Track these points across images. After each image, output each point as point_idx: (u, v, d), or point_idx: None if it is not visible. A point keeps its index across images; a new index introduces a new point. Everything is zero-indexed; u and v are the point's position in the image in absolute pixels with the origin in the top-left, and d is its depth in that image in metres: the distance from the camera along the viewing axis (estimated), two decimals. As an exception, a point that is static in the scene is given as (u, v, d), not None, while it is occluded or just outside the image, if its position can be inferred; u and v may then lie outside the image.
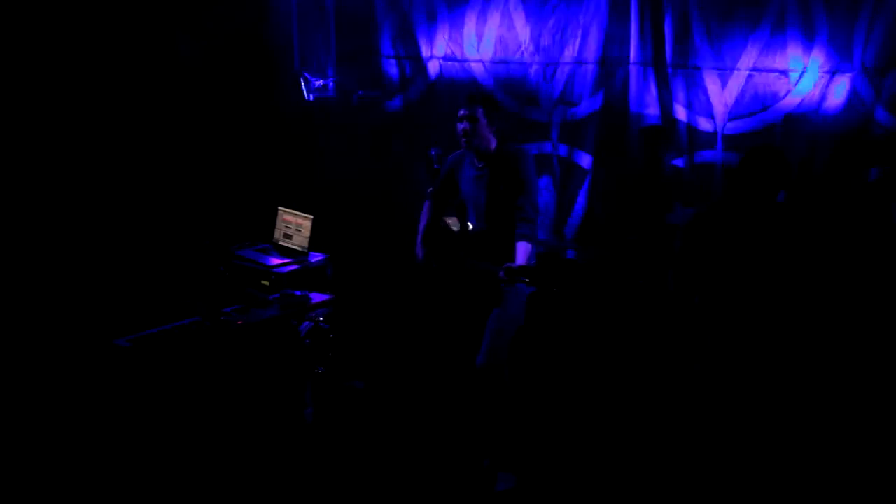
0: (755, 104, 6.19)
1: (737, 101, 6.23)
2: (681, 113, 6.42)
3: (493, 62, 7.05)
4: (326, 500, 4.84)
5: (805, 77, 5.99)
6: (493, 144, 5.07)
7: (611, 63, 6.61)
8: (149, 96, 6.59)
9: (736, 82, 6.21)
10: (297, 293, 5.53)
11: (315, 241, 6.18)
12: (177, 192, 6.46)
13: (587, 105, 6.76)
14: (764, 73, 6.12)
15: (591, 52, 6.66)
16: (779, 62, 6.05)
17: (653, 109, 6.51)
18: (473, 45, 7.10)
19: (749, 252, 4.41)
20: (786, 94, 6.07)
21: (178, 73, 6.81)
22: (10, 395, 5.18)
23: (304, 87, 7.60)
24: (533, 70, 6.91)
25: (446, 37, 7.20)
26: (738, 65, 6.17)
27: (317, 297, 5.60)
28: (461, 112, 5.05)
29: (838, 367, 5.30)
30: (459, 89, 7.17)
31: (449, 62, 7.23)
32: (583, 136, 6.82)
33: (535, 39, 6.85)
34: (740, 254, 4.43)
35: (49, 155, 6.14)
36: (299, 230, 6.18)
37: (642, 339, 5.88)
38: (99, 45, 6.24)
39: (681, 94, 6.40)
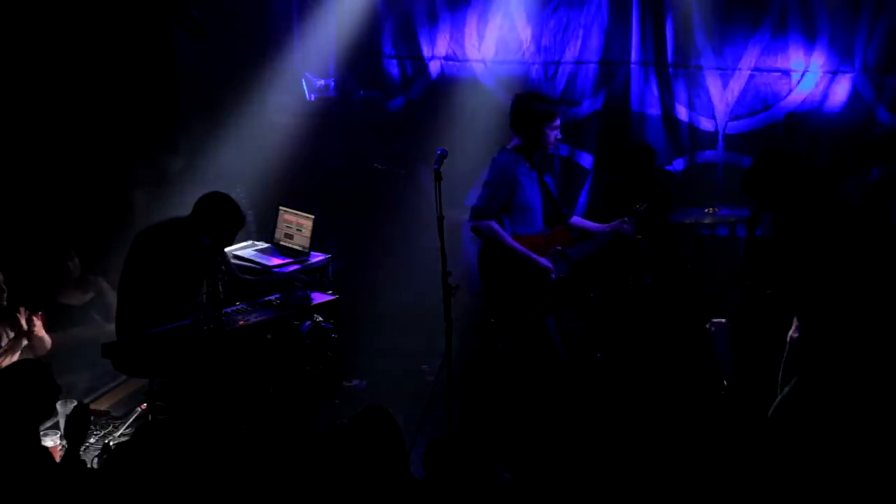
0: (757, 104, 6.19)
1: (738, 101, 6.24)
2: (682, 113, 6.42)
3: (495, 62, 7.04)
4: (327, 499, 4.84)
5: (807, 77, 6.00)
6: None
7: (612, 63, 6.60)
8: (147, 96, 6.59)
9: (737, 82, 6.21)
10: (298, 293, 5.52)
11: (316, 240, 6.17)
12: (176, 192, 6.46)
13: (588, 105, 6.76)
14: (765, 73, 6.12)
15: (593, 51, 6.66)
16: (780, 62, 6.06)
17: (654, 109, 6.51)
18: (475, 45, 7.09)
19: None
20: (787, 94, 6.07)
21: (178, 73, 6.81)
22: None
23: (305, 87, 7.59)
24: (534, 70, 6.90)
25: (448, 37, 7.19)
26: (740, 65, 6.17)
27: (318, 297, 5.58)
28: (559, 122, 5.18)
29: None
30: (461, 89, 7.17)
31: (450, 62, 7.22)
32: (584, 136, 6.81)
33: (537, 39, 6.84)
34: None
35: (48, 155, 6.15)
36: (300, 230, 6.16)
37: (652, 340, 5.88)
38: (97, 45, 6.24)
39: (682, 94, 6.40)
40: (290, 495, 4.58)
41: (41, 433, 4.56)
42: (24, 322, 5.39)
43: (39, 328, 5.47)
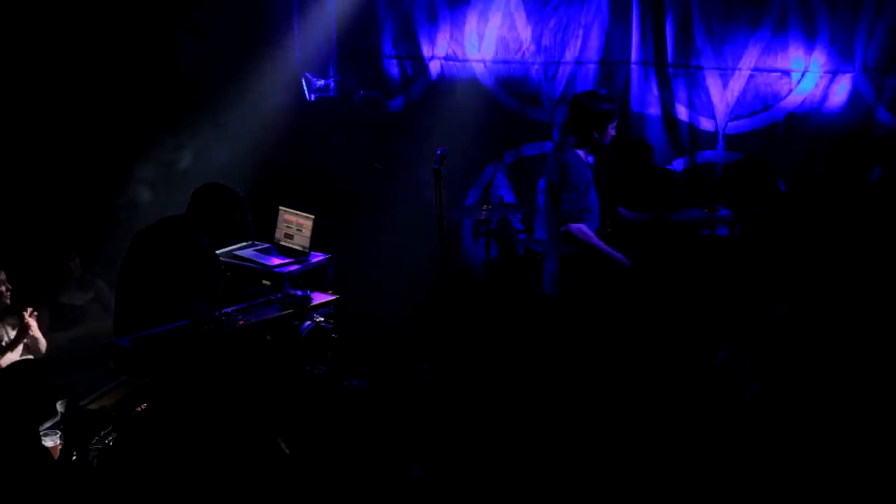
0: (757, 104, 6.18)
1: (738, 101, 6.23)
2: (682, 113, 6.42)
3: (495, 62, 7.05)
4: (326, 498, 4.85)
5: (807, 77, 5.99)
6: None
7: (612, 63, 6.61)
8: (148, 97, 6.59)
9: (737, 82, 6.21)
10: (299, 293, 5.53)
11: (316, 240, 6.17)
12: (176, 192, 6.47)
13: (589, 105, 6.75)
14: (765, 73, 6.12)
15: (593, 51, 6.66)
16: (780, 62, 6.05)
17: (654, 109, 6.51)
18: (475, 45, 7.10)
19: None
20: (787, 94, 6.07)
21: (178, 73, 6.80)
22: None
23: (305, 87, 7.60)
24: (534, 70, 6.91)
25: (448, 36, 7.20)
26: (740, 65, 6.17)
27: (318, 297, 5.59)
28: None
29: (841, 368, 5.29)
30: (461, 89, 7.18)
31: (450, 62, 7.23)
32: (584, 136, 6.81)
33: (537, 39, 6.85)
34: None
35: (49, 155, 6.17)
36: (300, 230, 6.16)
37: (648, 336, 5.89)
38: (98, 46, 6.25)
39: (682, 94, 6.39)
40: (287, 494, 4.59)
41: (41, 433, 4.57)
42: (29, 321, 5.41)
43: (35, 329, 5.48)
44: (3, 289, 5.46)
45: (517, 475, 5.09)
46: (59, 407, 4.74)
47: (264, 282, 5.94)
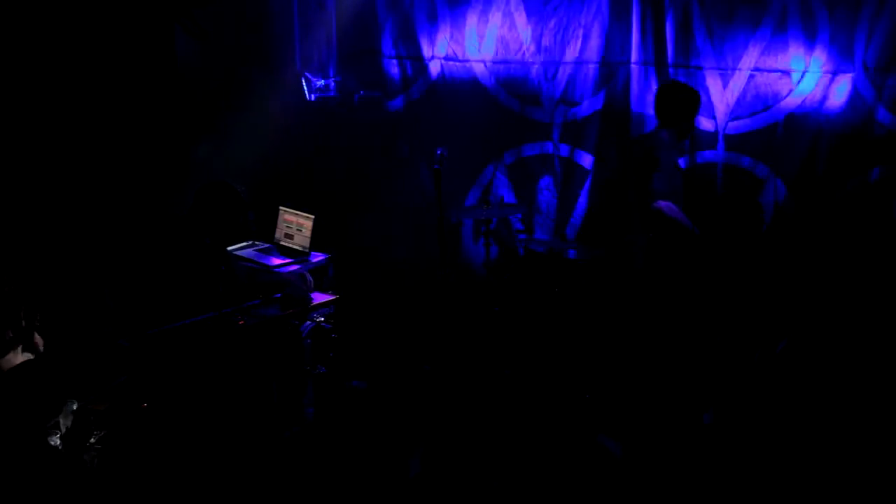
0: (757, 104, 6.18)
1: (738, 101, 6.23)
2: (682, 113, 6.41)
3: (495, 62, 7.05)
4: (325, 498, 4.85)
5: (807, 77, 5.99)
6: None
7: (612, 63, 6.61)
8: (147, 99, 6.59)
9: (737, 82, 6.21)
10: (299, 292, 5.53)
11: (316, 240, 6.18)
12: (176, 191, 6.47)
13: (588, 105, 6.76)
14: (765, 73, 6.12)
15: (593, 51, 6.66)
16: (780, 62, 6.05)
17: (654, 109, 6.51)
18: (475, 45, 7.10)
19: None
20: (787, 94, 6.07)
21: (178, 74, 6.80)
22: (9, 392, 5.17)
23: (305, 88, 7.60)
24: (534, 70, 6.91)
25: (448, 36, 7.20)
26: (740, 65, 6.17)
27: (318, 297, 5.59)
28: None
29: (840, 366, 5.30)
30: (461, 89, 7.18)
31: (450, 62, 7.23)
32: (584, 136, 6.81)
33: (537, 39, 6.85)
34: None
35: (52, 156, 6.17)
36: (300, 230, 6.16)
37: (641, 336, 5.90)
38: (99, 48, 6.26)
39: (682, 94, 6.39)
40: (287, 493, 4.59)
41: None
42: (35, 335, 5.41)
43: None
44: (8, 290, 5.46)
45: (517, 475, 5.10)
46: (66, 408, 4.75)
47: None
